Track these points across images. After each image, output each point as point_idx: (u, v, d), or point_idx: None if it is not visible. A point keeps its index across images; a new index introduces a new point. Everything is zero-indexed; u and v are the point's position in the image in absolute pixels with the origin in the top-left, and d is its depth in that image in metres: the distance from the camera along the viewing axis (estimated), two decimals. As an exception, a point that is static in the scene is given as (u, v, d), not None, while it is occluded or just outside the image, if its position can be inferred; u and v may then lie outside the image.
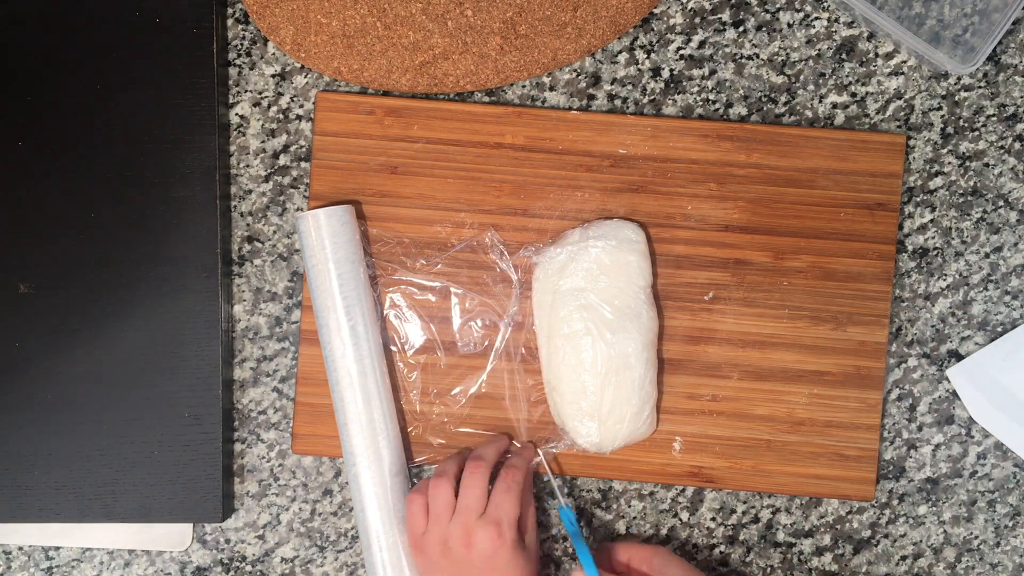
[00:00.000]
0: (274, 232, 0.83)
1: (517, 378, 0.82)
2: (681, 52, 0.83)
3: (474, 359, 0.82)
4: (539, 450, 0.79)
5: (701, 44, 0.83)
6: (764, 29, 0.83)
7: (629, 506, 0.83)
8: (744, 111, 0.83)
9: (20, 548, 0.84)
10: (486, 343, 0.81)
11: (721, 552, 0.83)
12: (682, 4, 0.83)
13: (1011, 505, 0.83)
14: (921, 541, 0.83)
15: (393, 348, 0.82)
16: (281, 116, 0.83)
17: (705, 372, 0.82)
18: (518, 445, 0.81)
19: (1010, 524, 0.83)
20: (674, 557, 0.75)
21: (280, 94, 0.83)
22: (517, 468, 0.76)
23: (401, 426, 0.81)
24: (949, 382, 0.83)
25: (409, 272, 0.82)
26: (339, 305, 0.77)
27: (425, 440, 0.82)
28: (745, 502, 0.83)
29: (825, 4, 0.83)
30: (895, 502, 0.83)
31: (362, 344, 0.77)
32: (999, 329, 0.83)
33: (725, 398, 0.82)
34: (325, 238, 0.77)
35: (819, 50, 0.83)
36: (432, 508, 0.74)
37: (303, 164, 0.83)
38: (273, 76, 0.83)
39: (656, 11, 0.83)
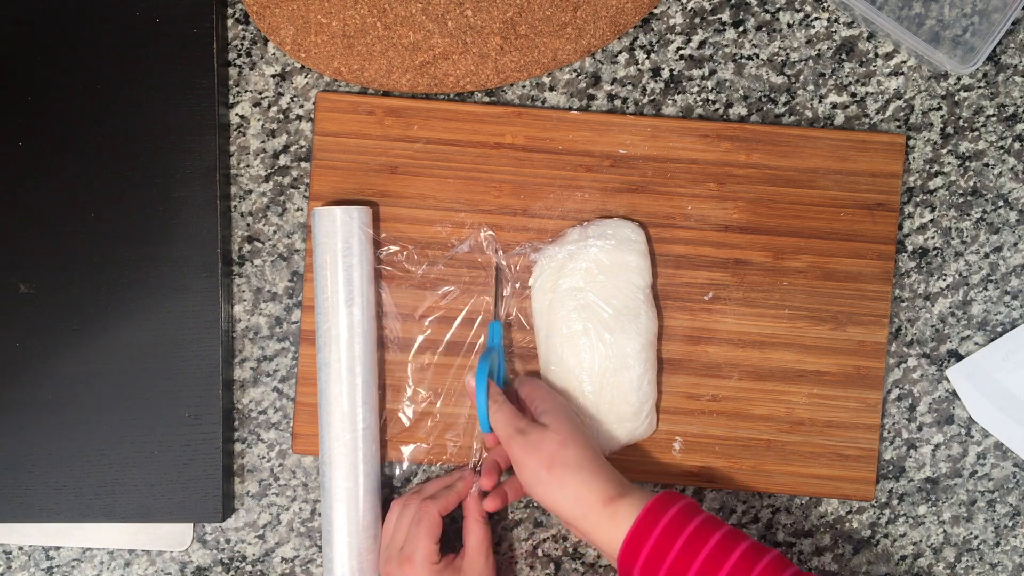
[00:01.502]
0: (274, 232, 0.83)
1: (515, 378, 0.81)
2: (681, 52, 0.83)
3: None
4: (476, 481, 0.78)
5: (701, 44, 0.83)
6: (764, 29, 0.83)
7: (629, 506, 0.83)
8: (744, 111, 0.83)
9: (20, 548, 0.84)
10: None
11: (721, 552, 0.83)
12: (682, 4, 0.83)
13: (1011, 505, 0.83)
14: (921, 541, 0.83)
15: (397, 349, 0.82)
16: (281, 116, 0.83)
17: (705, 372, 0.82)
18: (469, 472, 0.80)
19: (1010, 524, 0.83)
20: (541, 388, 0.76)
21: (280, 94, 0.83)
22: (434, 500, 0.76)
23: (386, 433, 0.81)
24: (949, 382, 0.83)
25: (410, 273, 0.82)
26: (342, 306, 0.77)
27: (423, 441, 0.82)
28: (745, 502, 0.83)
29: (825, 4, 0.83)
30: (895, 502, 0.83)
31: (356, 343, 0.78)
32: (999, 329, 0.83)
33: (725, 398, 0.82)
34: (338, 237, 0.77)
35: (819, 50, 0.83)
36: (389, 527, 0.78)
37: (303, 164, 0.83)
38: (273, 76, 0.83)
39: (656, 11, 0.83)
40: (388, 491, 0.83)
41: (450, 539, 0.80)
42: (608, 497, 0.69)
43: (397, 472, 0.83)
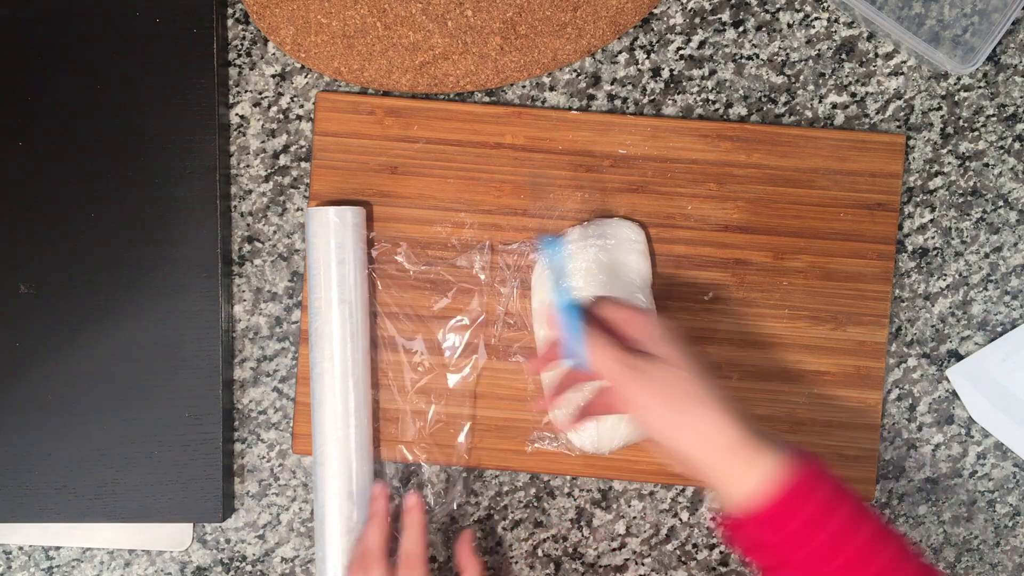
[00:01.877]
0: (274, 232, 0.83)
1: (515, 377, 0.81)
2: (681, 52, 0.83)
3: (472, 359, 0.82)
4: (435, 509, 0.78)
5: (701, 44, 0.83)
6: (764, 29, 0.83)
7: (629, 506, 0.83)
8: (744, 111, 0.83)
9: (20, 548, 0.84)
10: (485, 343, 0.81)
11: (721, 552, 0.83)
12: (682, 4, 0.83)
13: (1011, 505, 0.83)
14: (921, 541, 0.83)
15: (392, 349, 0.82)
16: (281, 116, 0.83)
17: (705, 372, 0.82)
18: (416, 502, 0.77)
19: (1010, 524, 0.83)
20: (641, 315, 0.69)
21: (280, 94, 0.83)
22: (378, 557, 0.73)
23: (379, 433, 0.81)
24: (949, 382, 0.83)
25: (405, 272, 0.82)
26: (335, 305, 0.77)
27: (416, 440, 0.82)
28: (745, 502, 0.83)
29: (825, 4, 0.83)
30: (895, 502, 0.83)
31: (348, 342, 0.78)
32: (999, 329, 0.83)
33: (725, 398, 0.82)
34: (331, 236, 0.77)
35: (819, 50, 0.83)
36: None
37: (303, 164, 0.83)
38: (273, 76, 0.83)
39: (656, 11, 0.83)
40: (388, 491, 0.83)
41: (449, 544, 0.80)
42: (739, 442, 0.63)
43: (390, 471, 0.83)
